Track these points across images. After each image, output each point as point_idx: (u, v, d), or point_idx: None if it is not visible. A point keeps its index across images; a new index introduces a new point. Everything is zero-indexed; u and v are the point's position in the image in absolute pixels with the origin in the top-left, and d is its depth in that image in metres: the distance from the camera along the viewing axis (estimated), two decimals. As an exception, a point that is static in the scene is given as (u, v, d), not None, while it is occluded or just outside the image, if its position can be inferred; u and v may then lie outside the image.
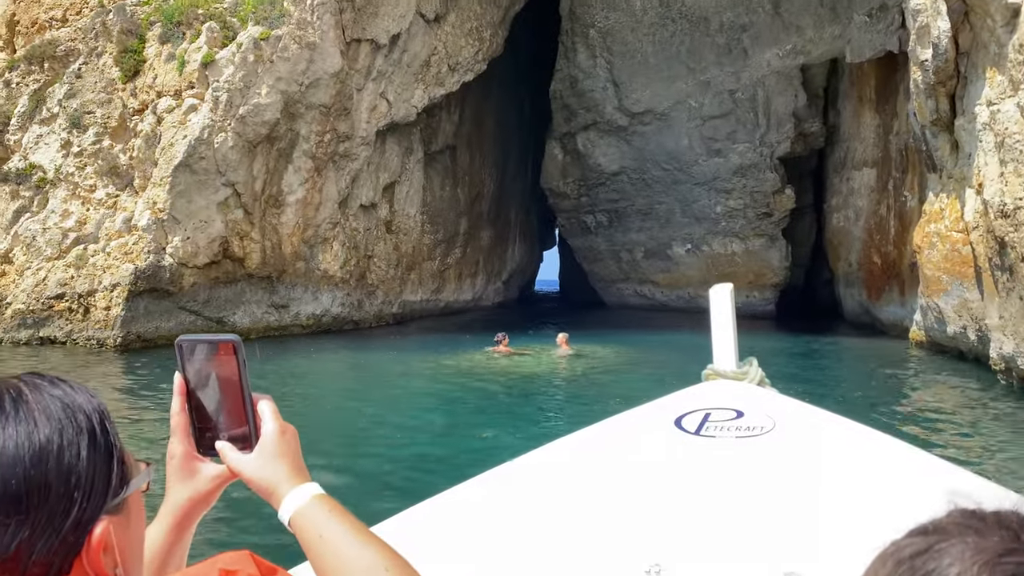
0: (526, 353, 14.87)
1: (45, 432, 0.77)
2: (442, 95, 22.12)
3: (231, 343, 1.04)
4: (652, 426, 2.15)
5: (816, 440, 2.03)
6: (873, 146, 23.38)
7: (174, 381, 1.05)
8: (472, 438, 8.19)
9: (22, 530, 0.73)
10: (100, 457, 0.81)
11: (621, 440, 2.15)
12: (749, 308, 29.83)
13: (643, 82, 27.37)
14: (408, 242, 24.87)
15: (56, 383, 0.83)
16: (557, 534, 1.73)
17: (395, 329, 21.46)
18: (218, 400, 1.06)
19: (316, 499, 1.02)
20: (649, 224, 31.51)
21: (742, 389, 2.31)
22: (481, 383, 12.00)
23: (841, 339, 20.61)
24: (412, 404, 10.40)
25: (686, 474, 1.89)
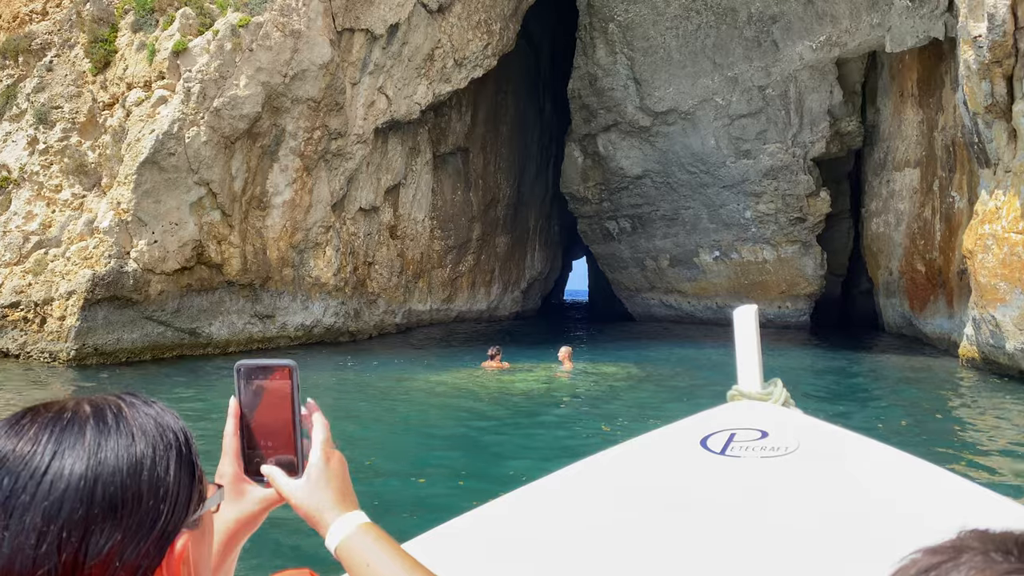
0: (522, 370, 13.35)
1: (141, 446, 0.82)
2: (449, 92, 20.76)
3: (288, 368, 1.05)
4: (678, 446, 2.15)
5: (841, 461, 2.02)
6: (916, 144, 21.49)
7: (229, 403, 1.07)
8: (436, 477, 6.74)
9: (115, 534, 0.77)
10: (185, 474, 0.85)
11: (647, 460, 2.16)
12: (781, 319, 27.98)
13: (666, 79, 25.75)
14: (415, 248, 23.52)
15: (149, 403, 0.88)
16: (584, 555, 1.74)
17: (396, 341, 20.07)
18: (268, 424, 1.07)
19: (363, 528, 1.05)
20: (674, 230, 29.82)
21: (767, 409, 2.32)
22: (463, 407, 10.51)
23: (881, 355, 18.74)
24: (380, 432, 8.95)
25: (712, 494, 1.88)
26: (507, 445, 8.37)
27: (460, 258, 26.72)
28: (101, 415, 0.83)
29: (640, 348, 20.03)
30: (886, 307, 24.49)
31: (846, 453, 2.07)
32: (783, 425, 2.18)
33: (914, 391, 12.43)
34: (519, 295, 32.67)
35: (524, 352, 16.28)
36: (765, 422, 2.20)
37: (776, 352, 19.80)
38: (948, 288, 18.81)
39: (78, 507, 0.76)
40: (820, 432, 2.19)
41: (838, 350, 19.53)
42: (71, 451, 0.79)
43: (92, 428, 0.81)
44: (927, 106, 20.70)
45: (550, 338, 23.20)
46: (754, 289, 28.19)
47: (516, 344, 20.36)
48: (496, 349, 13.23)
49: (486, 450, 8.25)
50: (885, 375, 15.44)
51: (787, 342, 23.08)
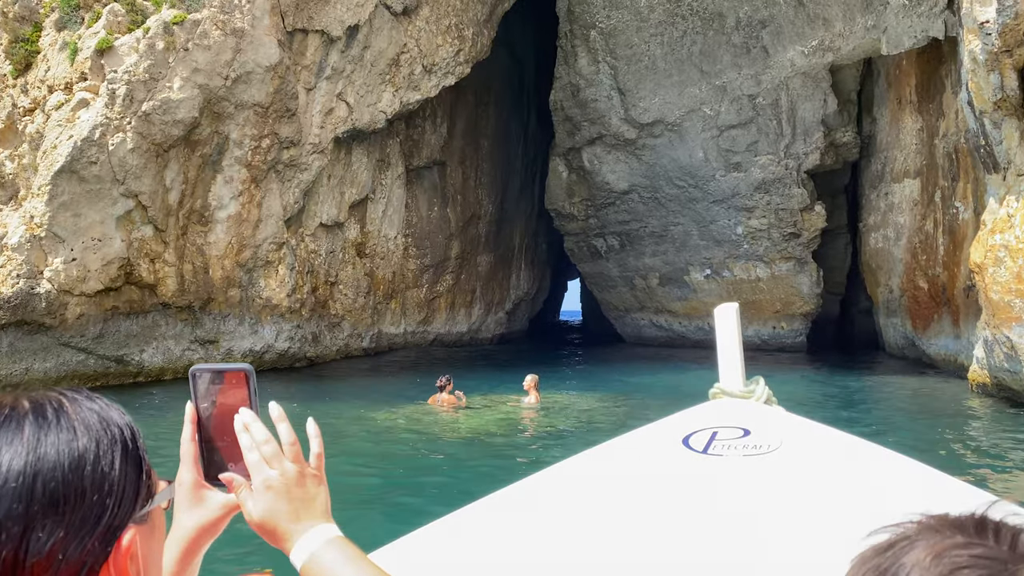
0: (479, 404, 11.89)
1: (83, 441, 0.81)
2: (418, 101, 19.49)
3: (244, 372, 1.05)
4: (660, 445, 2.14)
5: (823, 458, 2.03)
6: (916, 153, 20.20)
7: (186, 410, 1.04)
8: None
9: (57, 531, 0.76)
10: (131, 468, 0.84)
11: (630, 459, 2.15)
12: (776, 341, 26.56)
13: (651, 89, 24.52)
14: (387, 267, 22.15)
15: (93, 398, 0.87)
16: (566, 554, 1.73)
17: (360, 367, 18.63)
18: (227, 430, 1.05)
19: (333, 542, 1.01)
20: (664, 247, 28.47)
21: (749, 407, 2.30)
22: (401, 451, 9.08)
23: (883, 378, 17.30)
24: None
25: (694, 492, 1.88)
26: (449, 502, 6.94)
27: (437, 278, 25.35)
28: (41, 410, 0.82)
29: (622, 374, 18.61)
30: (887, 327, 23.09)
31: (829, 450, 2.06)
32: (765, 423, 2.18)
33: (923, 424, 10.99)
34: (503, 316, 31.26)
35: (497, 379, 14.83)
36: (747, 420, 2.19)
37: (771, 376, 18.34)
38: (953, 306, 17.42)
39: (17, 504, 0.75)
40: (803, 430, 2.19)
41: (837, 374, 18.11)
42: (8, 447, 0.78)
43: (31, 423, 0.80)
44: (927, 112, 19.44)
45: (529, 363, 21.76)
46: (747, 308, 26.77)
47: (490, 370, 18.92)
48: (446, 379, 11.75)
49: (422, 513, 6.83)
50: (889, 403, 14.00)
51: (783, 365, 21.63)
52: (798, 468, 1.94)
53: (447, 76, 19.98)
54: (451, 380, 11.88)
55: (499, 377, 15.33)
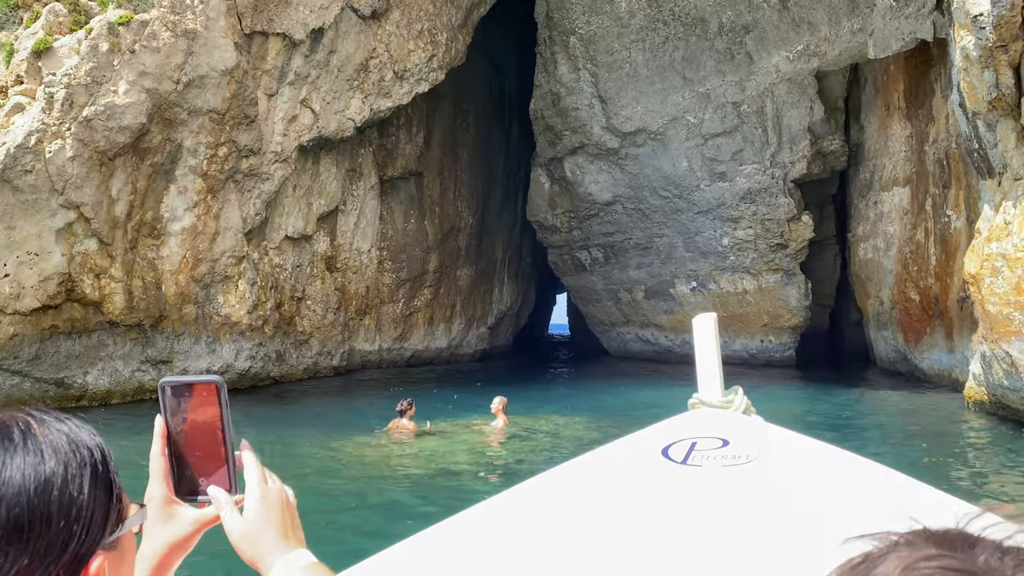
0: (443, 430, 11.04)
1: (51, 465, 0.78)
2: (390, 108, 18.73)
3: (214, 384, 1.03)
4: (639, 456, 2.14)
5: (803, 468, 2.02)
6: (905, 161, 19.56)
7: (155, 423, 1.02)
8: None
9: (21, 558, 0.74)
10: (101, 492, 0.82)
11: (609, 471, 2.14)
12: (765, 355, 25.81)
13: (633, 96, 23.86)
14: (359, 282, 21.31)
15: (62, 419, 0.84)
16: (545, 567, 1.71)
17: (328, 387, 17.75)
18: (198, 443, 1.04)
19: (308, 568, 1.00)
20: (649, 260, 27.75)
21: (728, 418, 2.30)
22: (353, 483, 8.24)
23: (875, 394, 16.55)
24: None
25: (674, 504, 1.88)
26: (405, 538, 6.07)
27: (415, 292, 24.51)
28: (6, 432, 0.79)
29: (603, 392, 17.82)
30: (877, 340, 22.38)
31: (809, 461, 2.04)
32: (744, 433, 2.16)
33: (919, 444, 10.22)
34: (485, 332, 30.41)
35: (470, 399, 13.98)
36: (726, 430, 2.18)
37: (759, 392, 17.59)
38: (946, 318, 16.72)
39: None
40: (782, 440, 2.17)
41: (827, 390, 17.35)
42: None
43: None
44: (916, 118, 18.82)
45: (507, 381, 20.91)
46: (734, 322, 26.04)
47: (466, 389, 18.08)
48: (407, 403, 10.90)
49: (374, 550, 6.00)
50: (882, 422, 13.23)
51: (771, 380, 20.87)
52: (777, 478, 1.93)
53: (420, 83, 19.24)
54: (412, 404, 11.04)
55: (473, 397, 14.51)
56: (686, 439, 2.12)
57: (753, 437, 2.12)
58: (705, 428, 2.21)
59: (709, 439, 2.11)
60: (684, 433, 2.17)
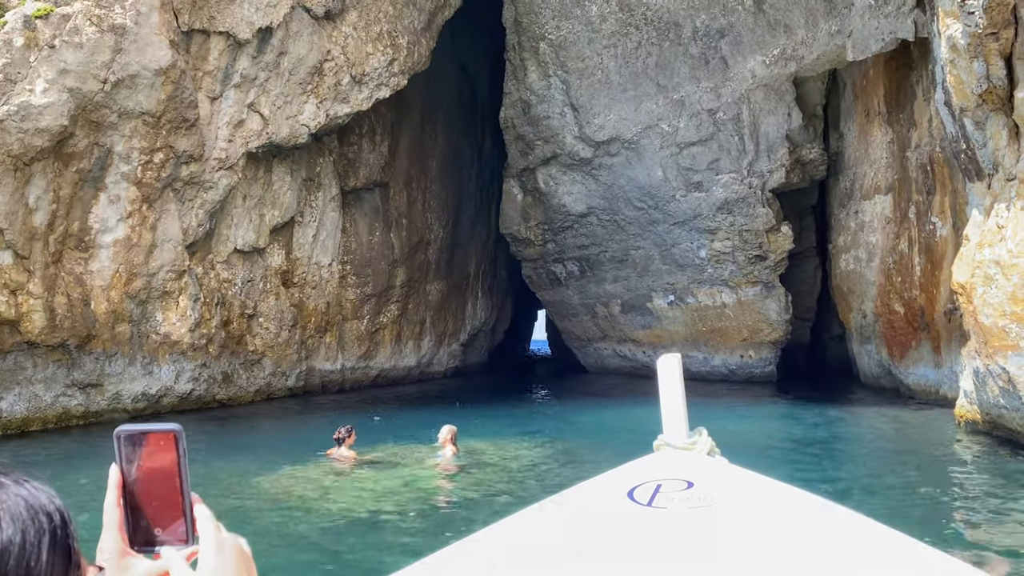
0: (382, 461, 9.96)
1: (8, 532, 0.77)
2: (348, 114, 17.74)
3: (172, 433, 1.01)
4: (606, 498, 2.17)
5: (767, 510, 2.06)
6: (886, 168, 18.82)
7: (110, 473, 1.00)
8: None
9: None
10: (58, 559, 0.81)
11: (576, 513, 2.16)
12: (745, 371, 24.93)
13: (606, 104, 23.05)
14: (319, 297, 20.23)
15: (20, 481, 0.83)
16: None
17: (281, 408, 16.64)
18: (155, 493, 1.02)
19: None
20: (625, 273, 26.88)
21: (693, 459, 2.33)
22: (280, 520, 7.18)
23: (860, 412, 15.66)
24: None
25: (640, 546, 1.90)
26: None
27: (381, 308, 23.45)
28: None
29: (570, 413, 16.82)
30: (860, 354, 21.55)
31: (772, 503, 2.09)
32: (709, 475, 2.19)
33: (910, 470, 9.28)
34: (458, 348, 29.37)
35: (423, 424, 12.91)
36: (691, 472, 2.20)
37: (741, 412, 16.66)
38: (933, 331, 15.89)
39: None
40: (746, 482, 2.20)
41: (810, 408, 16.44)
42: None
43: None
44: (897, 123, 18.09)
45: (476, 399, 19.87)
46: (713, 336, 25.18)
47: (429, 410, 17.02)
48: (346, 430, 9.85)
49: None
50: (869, 444, 12.30)
51: (752, 398, 19.97)
52: (741, 520, 1.94)
53: (380, 88, 18.29)
54: (352, 432, 9.99)
55: (424, 424, 13.44)
56: (652, 481, 2.14)
57: (717, 479, 2.15)
58: (670, 470, 2.23)
59: (674, 481, 2.12)
60: (650, 475, 2.20)
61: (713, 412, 16.83)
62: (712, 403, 18.78)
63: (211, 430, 12.73)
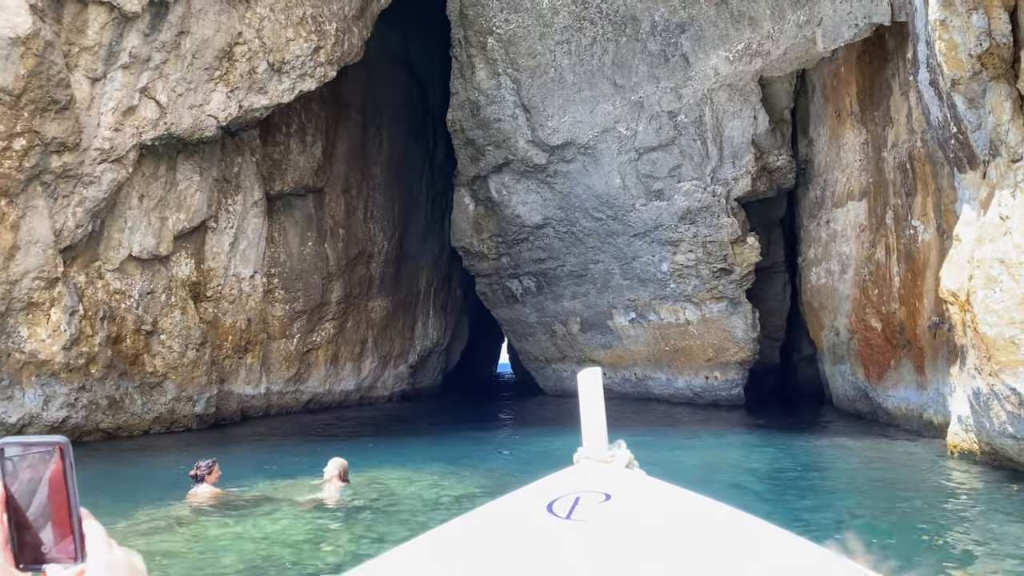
0: (250, 502, 7.96)
1: None
2: (266, 107, 15.83)
3: (58, 445, 0.97)
4: (524, 512, 2.13)
5: (684, 522, 2.04)
6: (860, 171, 17.30)
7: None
8: None
9: None
10: None
11: (493, 528, 2.11)
12: (711, 393, 23.19)
13: (560, 105, 21.38)
14: (238, 313, 18.16)
15: None
16: None
17: (178, 440, 14.49)
18: (41, 508, 0.98)
19: None
20: (584, 289, 25.13)
21: (611, 472, 2.34)
22: None
23: (835, 441, 13.91)
24: None
25: (559, 561, 1.86)
26: None
27: (314, 326, 21.39)
28: None
29: (511, 441, 14.93)
30: (833, 376, 19.91)
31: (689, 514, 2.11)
32: (627, 487, 2.21)
33: (904, 510, 7.46)
34: (406, 371, 27.30)
35: (324, 455, 10.91)
36: (609, 485, 2.20)
37: (707, 439, 14.87)
38: (915, 348, 14.24)
39: None
40: (663, 494, 2.24)
41: (781, 436, 14.70)
42: None
43: None
44: (872, 122, 16.58)
45: (405, 429, 17.86)
46: (677, 356, 23.44)
47: (353, 438, 15.00)
48: (206, 465, 7.90)
49: None
50: (851, 478, 10.52)
51: (719, 423, 18.18)
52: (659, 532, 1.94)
53: (304, 79, 16.41)
54: (214, 466, 8.00)
55: (351, 447, 11.46)
56: (570, 494, 2.12)
57: (635, 491, 2.17)
58: (589, 482, 2.22)
59: (593, 494, 2.11)
60: (568, 488, 2.18)
61: (675, 440, 15.00)
62: (675, 430, 16.97)
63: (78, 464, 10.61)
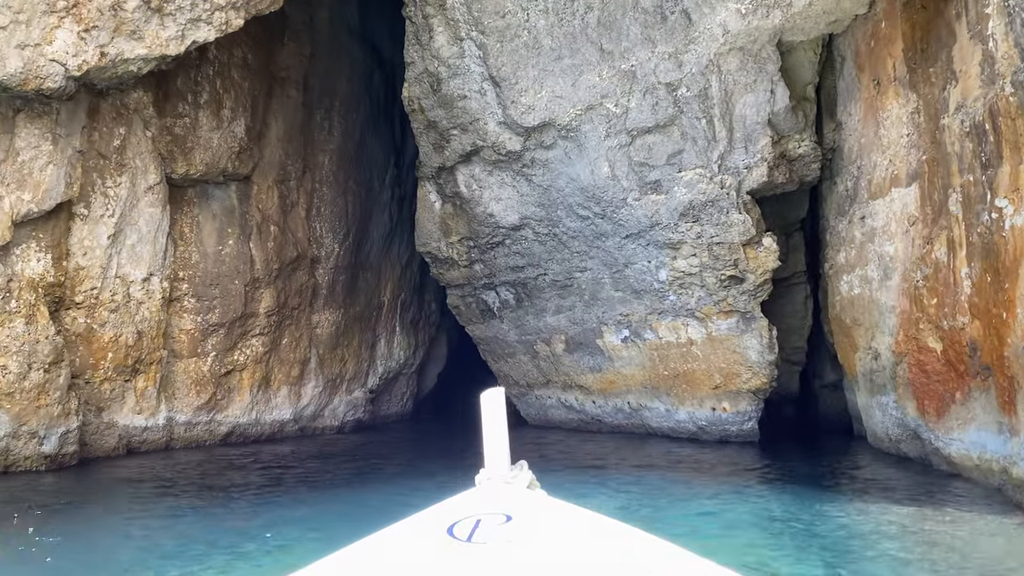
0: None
1: None
2: (144, 58, 12.20)
3: None
4: (424, 535, 2.13)
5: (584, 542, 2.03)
6: (909, 149, 13.51)
7: None
8: None
9: None
10: None
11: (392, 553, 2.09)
12: (718, 428, 19.26)
13: (536, 76, 17.70)
14: (124, 325, 14.44)
15: None
16: None
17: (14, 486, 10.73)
18: None
19: None
20: (570, 301, 21.34)
21: (513, 493, 2.34)
22: None
23: (888, 505, 9.93)
24: None
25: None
26: None
27: (235, 342, 17.64)
28: None
29: (428, 493, 11.00)
30: (870, 409, 15.97)
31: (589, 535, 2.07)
32: (528, 509, 2.18)
33: None
34: (362, 396, 23.49)
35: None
36: (510, 506, 2.19)
37: (715, 495, 10.95)
38: (999, 377, 10.33)
39: None
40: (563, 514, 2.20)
41: (810, 494, 10.78)
42: None
43: None
44: (925, 83, 12.81)
45: (310, 473, 13.97)
46: (678, 383, 19.55)
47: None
48: None
49: None
50: (928, 564, 6.62)
51: (729, 469, 14.29)
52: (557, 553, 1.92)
53: (197, 25, 12.78)
54: None
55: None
56: (471, 516, 2.12)
57: (536, 512, 2.14)
58: (490, 504, 2.21)
59: (494, 515, 2.08)
60: (469, 510, 2.17)
61: (675, 492, 11.11)
62: (674, 477, 12.95)
63: None
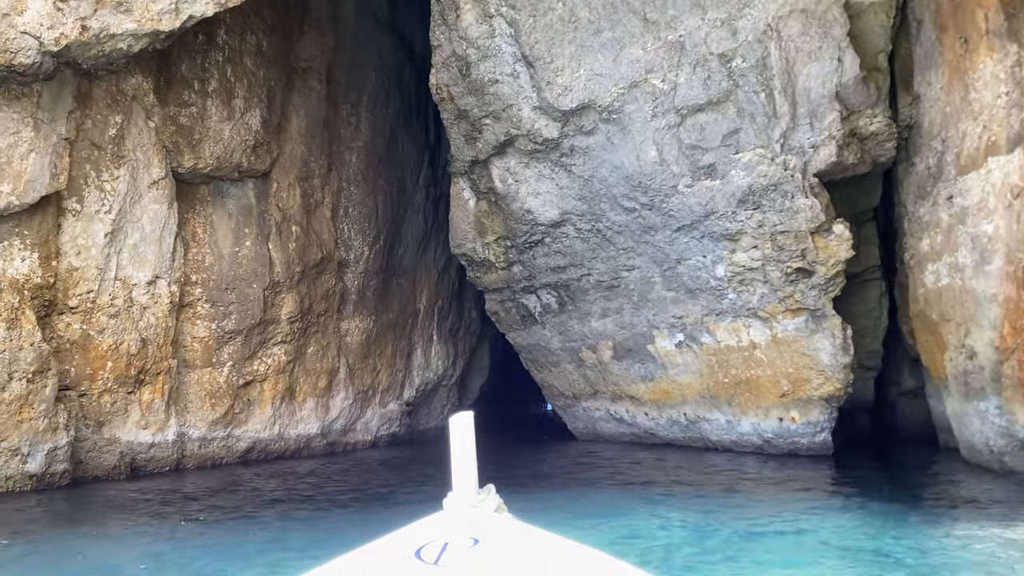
0: None
1: None
2: (134, 34, 11.04)
3: None
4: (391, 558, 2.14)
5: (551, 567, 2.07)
6: (1008, 110, 11.50)
7: None
8: None
9: None
10: None
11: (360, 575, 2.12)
12: (786, 440, 17.24)
13: (572, 53, 16.11)
14: (126, 332, 13.28)
15: None
16: None
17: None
18: None
19: None
20: (617, 304, 19.61)
21: (480, 517, 2.38)
22: None
23: (988, 530, 7.93)
24: None
25: None
26: None
27: (255, 351, 16.39)
28: None
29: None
30: (966, 416, 13.82)
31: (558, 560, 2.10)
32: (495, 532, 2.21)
33: None
34: (398, 409, 22.08)
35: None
36: (478, 530, 2.22)
37: (788, 524, 9.06)
38: None
39: None
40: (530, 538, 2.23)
41: (896, 514, 8.85)
42: None
43: None
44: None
45: (322, 495, 12.45)
46: (740, 391, 17.60)
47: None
48: None
49: None
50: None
51: (802, 490, 12.33)
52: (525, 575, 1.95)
53: (197, 1, 11.56)
54: None
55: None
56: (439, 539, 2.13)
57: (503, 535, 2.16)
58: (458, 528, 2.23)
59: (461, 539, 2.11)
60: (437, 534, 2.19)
61: (734, 512, 9.30)
62: (732, 502, 10.94)
63: None
